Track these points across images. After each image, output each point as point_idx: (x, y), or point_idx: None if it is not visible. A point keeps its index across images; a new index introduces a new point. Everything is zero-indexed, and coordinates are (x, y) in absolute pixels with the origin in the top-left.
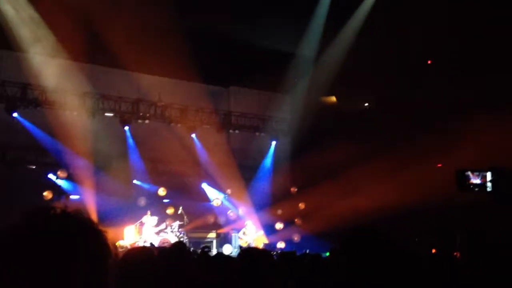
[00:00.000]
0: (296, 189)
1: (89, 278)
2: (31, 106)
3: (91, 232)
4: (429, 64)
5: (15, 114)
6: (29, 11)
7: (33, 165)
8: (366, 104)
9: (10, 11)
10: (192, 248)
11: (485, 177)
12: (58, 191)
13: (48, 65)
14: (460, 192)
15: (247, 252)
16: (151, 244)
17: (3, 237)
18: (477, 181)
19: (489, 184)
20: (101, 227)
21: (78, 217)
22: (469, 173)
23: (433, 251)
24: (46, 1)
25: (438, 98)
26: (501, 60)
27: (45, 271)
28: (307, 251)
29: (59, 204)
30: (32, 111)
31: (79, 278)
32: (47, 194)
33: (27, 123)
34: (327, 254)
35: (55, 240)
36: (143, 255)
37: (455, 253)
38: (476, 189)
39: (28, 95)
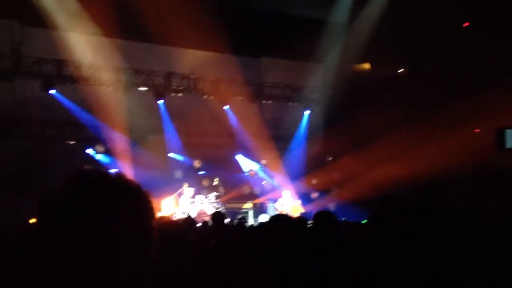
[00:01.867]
0: (330, 158)
1: (134, 238)
2: (67, 83)
3: (135, 193)
4: (464, 27)
5: (52, 91)
6: None
7: (72, 140)
8: (400, 70)
9: None
10: (229, 219)
11: None
12: (97, 165)
13: (81, 41)
14: (500, 152)
15: (277, 218)
16: (188, 215)
17: (50, 199)
18: None
19: None
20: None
21: (122, 179)
22: (510, 130)
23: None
24: None
25: (474, 62)
26: None
27: (90, 231)
28: (343, 219)
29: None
30: (68, 88)
31: (124, 238)
32: (87, 169)
33: (64, 100)
34: (365, 221)
35: (100, 200)
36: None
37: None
38: None
39: (63, 72)
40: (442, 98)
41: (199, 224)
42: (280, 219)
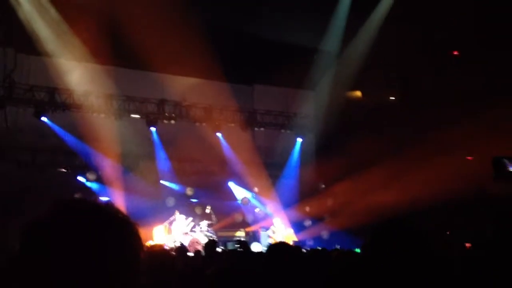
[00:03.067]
0: (323, 186)
1: (122, 269)
2: (59, 110)
3: (123, 223)
4: (454, 54)
5: (43, 118)
6: (54, 17)
7: (63, 167)
8: (392, 98)
9: (36, 18)
10: (221, 247)
11: None
12: (88, 193)
13: (74, 69)
14: (496, 181)
15: (276, 247)
16: (181, 243)
17: (34, 227)
18: None
19: None
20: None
21: (109, 208)
22: (506, 160)
23: (467, 245)
24: (71, 6)
25: (465, 88)
26: None
27: (76, 262)
28: (338, 247)
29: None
30: (60, 115)
31: (112, 269)
32: (77, 197)
33: (55, 127)
34: (358, 250)
35: (86, 230)
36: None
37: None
38: None
39: (56, 99)
40: (433, 125)
41: (191, 253)
42: (279, 249)
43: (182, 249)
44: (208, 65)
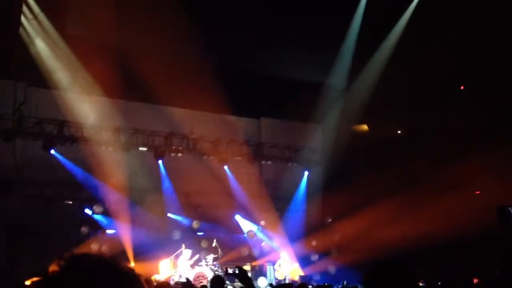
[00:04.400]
0: (330, 220)
1: None
2: (67, 143)
3: (128, 278)
4: (462, 89)
5: (52, 151)
6: (64, 51)
7: (70, 200)
8: (399, 132)
9: (46, 52)
10: (228, 282)
11: None
12: (95, 226)
13: (83, 102)
14: (501, 229)
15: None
16: (187, 279)
17: (46, 284)
18: None
19: None
20: (137, 266)
21: (115, 264)
22: (511, 209)
23: (475, 281)
24: (81, 41)
25: (472, 124)
26: None
27: None
28: (345, 282)
29: (95, 245)
30: (68, 148)
31: None
32: (84, 229)
33: (63, 159)
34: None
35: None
36: None
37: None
38: None
39: (64, 132)
40: (441, 159)
41: None
42: None
43: (188, 284)
44: (216, 99)
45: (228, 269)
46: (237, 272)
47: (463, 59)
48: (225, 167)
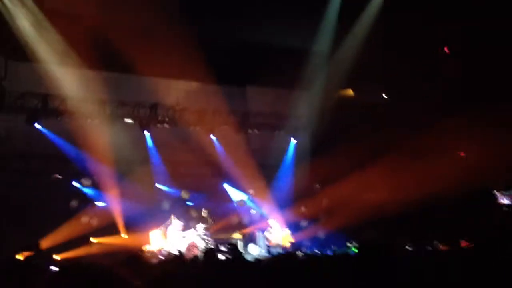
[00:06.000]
0: (319, 186)
1: None
2: (52, 117)
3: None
4: (445, 51)
5: (36, 125)
6: (44, 24)
7: (58, 174)
8: (384, 96)
9: (26, 25)
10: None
11: None
12: (84, 199)
13: (66, 75)
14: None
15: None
16: (179, 251)
17: None
18: (506, 201)
19: None
20: (128, 237)
21: (114, 273)
22: (496, 192)
23: (463, 244)
24: (61, 13)
25: (456, 85)
26: None
27: None
28: (335, 248)
29: (85, 218)
30: (53, 121)
31: None
32: (74, 203)
33: (49, 133)
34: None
35: None
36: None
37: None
38: (506, 209)
39: (48, 106)
40: (427, 122)
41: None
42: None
43: (180, 257)
44: (200, 69)
45: (220, 246)
46: (228, 249)
47: (448, 21)
48: (212, 137)
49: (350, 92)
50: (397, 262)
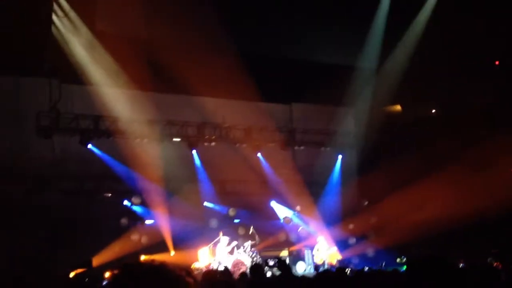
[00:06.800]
0: (366, 203)
1: None
2: (103, 137)
3: (178, 283)
4: (496, 64)
5: (89, 146)
6: (95, 46)
7: (109, 193)
8: (433, 111)
9: (78, 48)
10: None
11: None
12: (134, 217)
13: (116, 96)
14: None
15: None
16: (225, 267)
17: None
18: None
19: None
20: (176, 255)
21: (164, 271)
22: None
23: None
24: (110, 36)
25: (505, 101)
26: None
27: None
28: (384, 264)
29: (135, 236)
30: (105, 141)
31: None
32: (124, 221)
33: (100, 153)
34: (404, 267)
35: None
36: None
37: None
38: None
39: (100, 127)
40: (475, 138)
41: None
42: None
43: (226, 273)
44: (246, 86)
45: (268, 261)
46: (276, 263)
47: (498, 35)
48: (259, 154)
49: (397, 107)
50: (448, 278)
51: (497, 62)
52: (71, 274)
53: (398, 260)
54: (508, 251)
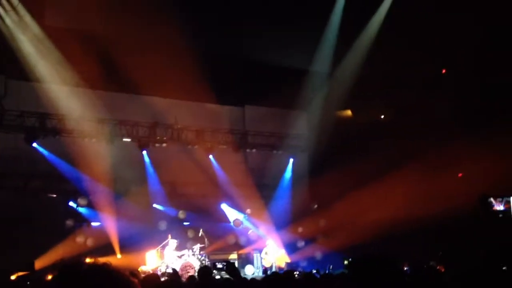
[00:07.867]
0: (316, 206)
1: None
2: (50, 135)
3: (122, 283)
4: (444, 73)
5: (34, 144)
6: (44, 42)
7: (54, 193)
8: (382, 116)
9: (25, 44)
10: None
11: (509, 202)
12: (79, 219)
13: (65, 94)
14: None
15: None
16: (173, 269)
17: None
18: (500, 207)
19: None
20: (123, 258)
21: (106, 271)
22: (492, 199)
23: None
24: (61, 32)
25: (455, 108)
26: None
27: None
28: (331, 267)
29: (80, 238)
30: (52, 140)
31: None
32: (69, 222)
33: (47, 152)
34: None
35: None
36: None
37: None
38: (500, 215)
39: (46, 125)
40: (424, 143)
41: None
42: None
43: (174, 275)
44: (199, 88)
45: (217, 264)
46: (225, 266)
47: (445, 44)
48: (210, 156)
49: (348, 112)
50: (389, 276)
51: (444, 71)
52: (12, 277)
53: (345, 262)
54: (451, 254)
